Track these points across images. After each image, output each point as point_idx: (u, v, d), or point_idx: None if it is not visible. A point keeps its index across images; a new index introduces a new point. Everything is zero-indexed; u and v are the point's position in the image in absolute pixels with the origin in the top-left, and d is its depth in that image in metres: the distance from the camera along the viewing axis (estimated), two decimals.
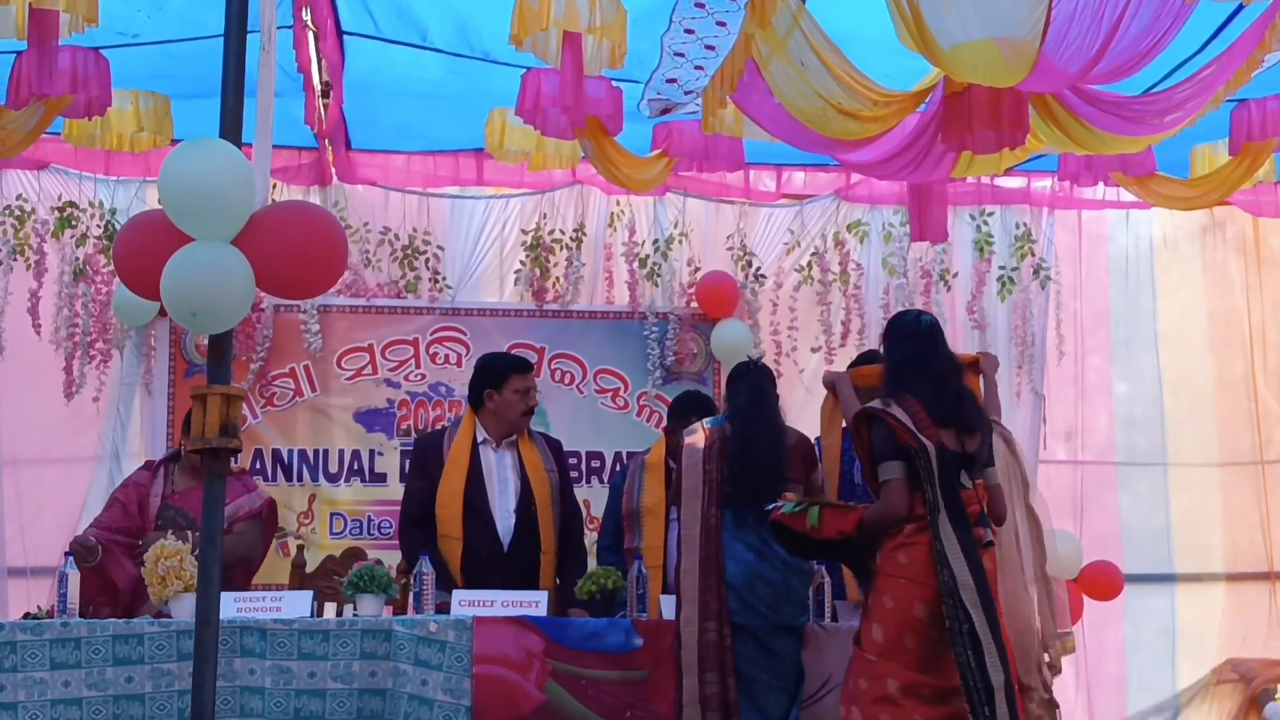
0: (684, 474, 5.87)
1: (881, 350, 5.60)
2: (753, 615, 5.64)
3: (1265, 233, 8.73)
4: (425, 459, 6.51)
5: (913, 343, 5.36)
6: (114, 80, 6.11)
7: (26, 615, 5.61)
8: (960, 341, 8.38)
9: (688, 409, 6.58)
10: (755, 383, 5.99)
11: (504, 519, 6.38)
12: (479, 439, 6.47)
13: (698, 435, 5.93)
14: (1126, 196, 8.04)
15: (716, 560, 5.67)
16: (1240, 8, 5.53)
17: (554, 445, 6.67)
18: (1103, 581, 7.70)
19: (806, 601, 5.85)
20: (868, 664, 5.09)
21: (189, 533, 6.09)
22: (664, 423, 7.11)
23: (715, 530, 5.72)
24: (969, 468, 5.21)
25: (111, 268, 7.83)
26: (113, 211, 7.96)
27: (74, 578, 5.56)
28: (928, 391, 5.22)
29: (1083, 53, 5.11)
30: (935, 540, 5.01)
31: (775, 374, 8.14)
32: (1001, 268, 8.49)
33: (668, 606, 5.86)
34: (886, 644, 5.05)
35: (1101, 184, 7.77)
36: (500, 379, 6.50)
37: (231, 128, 4.21)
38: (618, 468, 8.03)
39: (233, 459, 4.39)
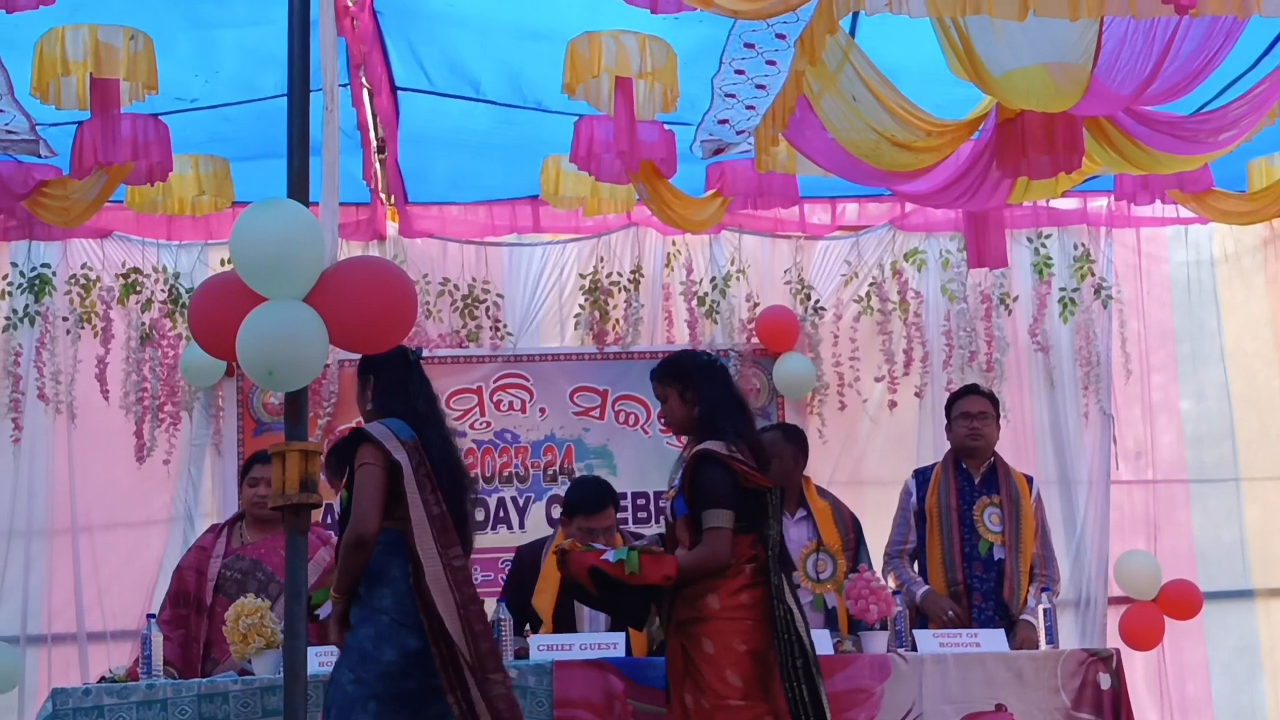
0: (409, 502, 4.88)
1: (672, 391, 5.29)
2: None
3: None
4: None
5: (723, 383, 5.31)
6: (174, 146, 6.21)
7: (102, 679, 5.62)
8: (1025, 364, 8.38)
9: None
10: (421, 375, 5.37)
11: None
12: None
13: (400, 450, 4.94)
14: (1185, 212, 8.01)
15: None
16: None
17: None
18: (1182, 600, 7.61)
19: None
20: (733, 711, 4.93)
21: (269, 585, 6.13)
22: None
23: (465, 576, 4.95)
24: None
25: (177, 331, 7.96)
26: (176, 276, 8.08)
27: (158, 640, 5.60)
28: (748, 431, 5.21)
29: (1135, 75, 5.13)
30: (774, 575, 5.01)
31: (839, 405, 8.25)
32: (1062, 289, 8.43)
33: None
34: (747, 687, 4.95)
35: (1159, 201, 7.74)
36: None
37: (299, 187, 4.27)
38: None
39: None
